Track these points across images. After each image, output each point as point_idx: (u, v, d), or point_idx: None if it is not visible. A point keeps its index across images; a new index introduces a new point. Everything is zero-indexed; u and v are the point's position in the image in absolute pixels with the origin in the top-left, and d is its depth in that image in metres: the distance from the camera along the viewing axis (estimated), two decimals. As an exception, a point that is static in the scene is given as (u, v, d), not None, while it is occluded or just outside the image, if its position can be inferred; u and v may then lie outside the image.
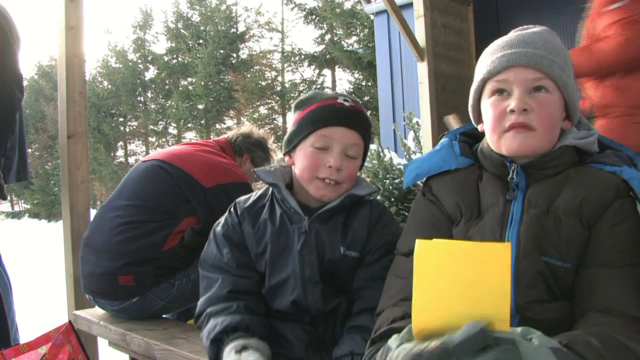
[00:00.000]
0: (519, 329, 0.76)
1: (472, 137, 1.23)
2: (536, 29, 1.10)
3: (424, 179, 1.19)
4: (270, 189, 1.34)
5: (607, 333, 0.85)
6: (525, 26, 1.13)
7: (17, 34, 2.17)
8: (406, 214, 3.22)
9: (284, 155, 1.36)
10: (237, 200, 1.38)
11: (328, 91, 1.46)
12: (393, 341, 0.80)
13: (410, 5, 4.16)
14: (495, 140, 1.06)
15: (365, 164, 3.68)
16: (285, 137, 1.34)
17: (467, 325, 0.71)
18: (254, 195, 1.37)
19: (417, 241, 0.76)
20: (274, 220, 1.29)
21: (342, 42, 13.29)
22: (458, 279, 0.73)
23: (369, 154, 3.72)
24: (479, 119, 1.15)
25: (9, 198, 20.89)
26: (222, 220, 1.37)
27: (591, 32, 2.35)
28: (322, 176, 1.24)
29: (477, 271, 0.73)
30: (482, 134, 1.17)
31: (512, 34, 1.11)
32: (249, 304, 1.24)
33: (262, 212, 1.32)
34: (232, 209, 1.36)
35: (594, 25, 2.35)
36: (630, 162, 1.06)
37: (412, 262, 1.07)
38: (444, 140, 1.22)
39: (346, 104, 1.28)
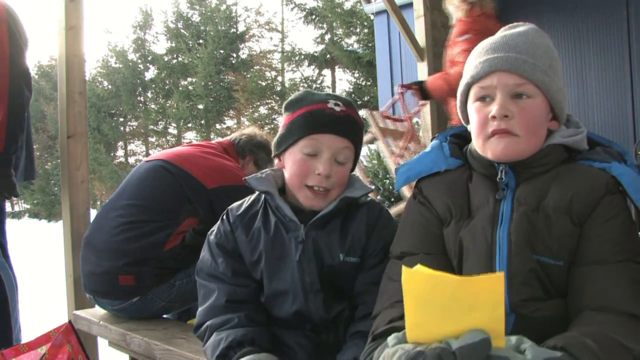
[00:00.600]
0: (513, 339, 0.77)
1: (462, 139, 1.23)
2: (522, 28, 1.10)
3: (415, 181, 1.19)
4: (263, 195, 1.30)
5: (603, 332, 0.85)
6: (513, 24, 1.13)
7: (25, 34, 2.17)
8: (406, 214, 3.23)
9: (274, 157, 1.33)
10: (229, 207, 1.35)
11: (328, 90, 1.44)
12: (391, 339, 0.81)
13: (410, 5, 4.16)
14: (481, 145, 1.07)
15: (365, 164, 3.69)
16: (275, 140, 1.31)
17: (469, 332, 0.71)
18: (246, 202, 1.34)
19: (403, 269, 0.75)
20: (268, 229, 1.26)
21: (342, 42, 13.29)
22: (448, 307, 0.73)
23: (368, 154, 3.72)
24: (468, 119, 1.15)
25: (9, 198, 20.86)
26: (215, 228, 1.34)
27: (450, 57, 2.93)
28: (310, 184, 1.21)
29: (470, 301, 0.72)
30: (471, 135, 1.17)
31: (498, 35, 1.11)
32: (249, 314, 1.22)
33: (255, 220, 1.28)
34: (224, 217, 1.33)
35: (451, 51, 2.94)
36: (620, 158, 1.06)
37: (405, 264, 1.08)
38: (434, 142, 1.22)
39: (337, 108, 1.23)
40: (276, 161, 1.32)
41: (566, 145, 1.08)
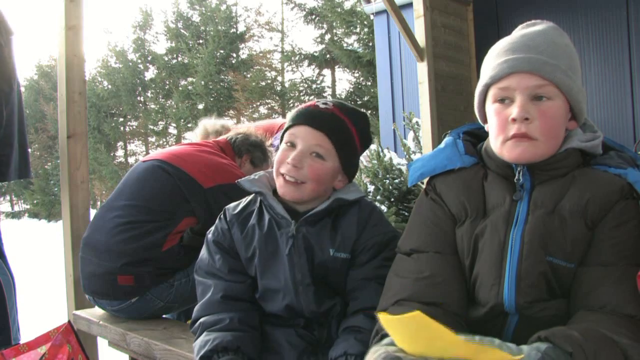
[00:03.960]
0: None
1: (474, 136, 1.23)
2: (541, 27, 1.09)
3: (427, 178, 1.19)
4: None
5: (592, 327, 0.86)
6: (532, 22, 1.12)
7: (7, 28, 2.14)
8: (406, 214, 3.22)
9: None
10: (226, 207, 1.39)
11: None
12: (388, 339, 0.83)
13: (410, 5, 4.16)
14: (498, 147, 1.07)
15: (366, 164, 3.69)
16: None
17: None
18: (243, 202, 1.38)
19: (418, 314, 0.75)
20: (262, 226, 1.29)
21: (342, 42, 13.28)
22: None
23: (369, 153, 3.73)
24: (486, 119, 1.15)
25: (8, 198, 20.90)
26: (213, 227, 1.38)
27: None
28: (282, 171, 1.25)
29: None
30: (486, 133, 1.17)
31: (517, 34, 1.09)
32: (243, 316, 1.24)
33: (250, 218, 1.33)
34: (221, 216, 1.37)
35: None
36: (633, 163, 1.07)
37: (412, 262, 1.08)
38: (448, 139, 1.22)
39: (322, 106, 1.28)
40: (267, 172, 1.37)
41: (583, 149, 1.08)
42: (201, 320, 1.26)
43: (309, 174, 1.24)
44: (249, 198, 1.38)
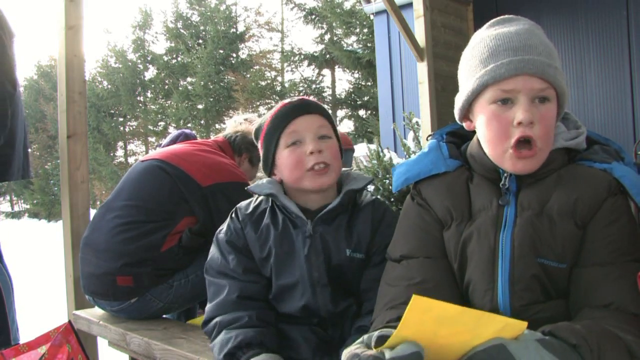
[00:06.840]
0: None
1: (457, 136, 1.21)
2: (526, 25, 1.06)
3: (412, 183, 1.18)
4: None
5: (596, 323, 0.86)
6: (507, 17, 1.10)
7: (10, 29, 2.15)
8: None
9: (269, 177, 1.37)
10: (238, 206, 1.38)
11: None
12: (366, 337, 0.82)
13: (410, 5, 4.16)
14: (499, 155, 1.03)
15: (365, 164, 3.68)
16: (261, 163, 1.36)
17: (402, 345, 0.73)
18: (254, 201, 1.37)
19: (415, 298, 0.74)
20: (277, 225, 1.29)
21: (342, 42, 13.29)
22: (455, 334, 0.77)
23: (368, 153, 3.72)
24: (466, 117, 1.13)
25: (8, 198, 20.90)
26: (224, 226, 1.37)
27: None
28: (309, 165, 1.25)
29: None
30: (468, 133, 1.15)
31: (508, 33, 1.05)
32: (260, 313, 1.24)
33: (263, 217, 1.32)
34: (233, 215, 1.36)
35: None
36: (618, 156, 1.07)
37: (402, 268, 1.08)
38: (431, 142, 1.20)
39: (293, 99, 1.32)
40: (273, 177, 1.36)
41: (568, 147, 1.08)
42: (217, 319, 1.24)
43: (330, 154, 1.27)
44: (259, 197, 1.38)
